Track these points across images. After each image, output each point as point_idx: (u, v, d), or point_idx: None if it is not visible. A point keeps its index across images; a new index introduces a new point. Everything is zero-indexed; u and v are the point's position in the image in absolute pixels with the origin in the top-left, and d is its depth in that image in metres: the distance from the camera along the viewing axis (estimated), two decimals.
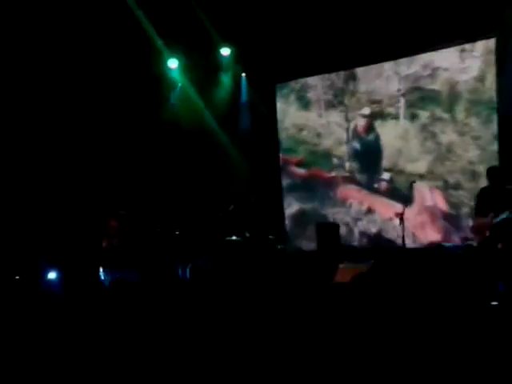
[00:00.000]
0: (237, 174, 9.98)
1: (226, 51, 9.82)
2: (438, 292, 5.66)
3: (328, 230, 8.38)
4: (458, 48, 7.21)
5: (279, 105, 9.16)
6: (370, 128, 8.14)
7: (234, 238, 8.58)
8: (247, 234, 8.64)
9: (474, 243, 6.63)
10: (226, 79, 10.25)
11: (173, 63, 10.17)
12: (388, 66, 7.81)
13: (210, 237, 9.03)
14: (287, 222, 8.93)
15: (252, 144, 9.89)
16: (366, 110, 8.16)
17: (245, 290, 5.86)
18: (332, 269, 7.13)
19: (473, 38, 7.29)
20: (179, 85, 10.57)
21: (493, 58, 7.06)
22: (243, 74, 10.10)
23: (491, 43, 7.10)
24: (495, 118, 7.10)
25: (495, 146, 6.98)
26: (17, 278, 7.69)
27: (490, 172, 6.44)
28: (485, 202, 6.37)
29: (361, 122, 8.18)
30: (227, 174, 10.02)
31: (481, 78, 7.12)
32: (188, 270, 8.53)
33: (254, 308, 4.53)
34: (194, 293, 6.80)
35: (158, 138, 10.39)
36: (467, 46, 7.16)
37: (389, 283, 5.29)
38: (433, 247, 7.56)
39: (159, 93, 10.43)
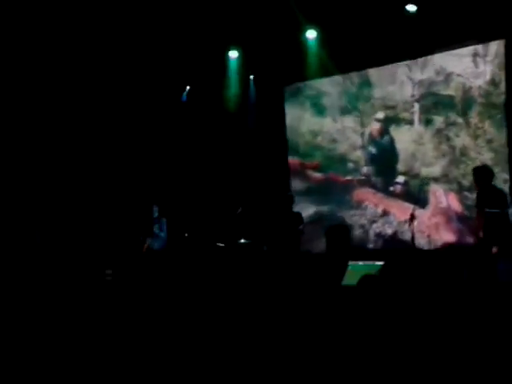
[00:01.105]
0: (245, 176, 9.97)
1: (233, 53, 9.84)
2: (448, 294, 5.66)
3: (338, 233, 8.51)
4: (471, 52, 7.32)
5: (295, 111, 9.34)
6: (384, 132, 8.34)
7: (242, 241, 8.58)
8: (265, 248, 8.62)
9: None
10: (233, 81, 10.18)
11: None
12: (401, 71, 7.99)
13: (218, 239, 8.97)
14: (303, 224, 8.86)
15: (260, 146, 9.89)
16: (381, 115, 8.37)
17: (251, 292, 5.89)
18: (341, 271, 7.10)
19: (485, 39, 7.30)
20: (187, 87, 10.62)
21: (507, 61, 7.09)
22: (251, 77, 10.14)
23: (503, 46, 7.11)
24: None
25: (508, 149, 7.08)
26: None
27: (477, 172, 6.45)
28: (479, 202, 6.39)
29: (375, 127, 8.39)
30: (235, 177, 10.00)
31: (494, 82, 7.28)
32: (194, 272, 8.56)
33: (260, 310, 4.51)
34: (201, 294, 6.73)
35: (166, 142, 10.45)
36: (480, 51, 7.26)
37: (399, 286, 5.19)
38: (444, 249, 7.68)
39: (171, 95, 10.51)
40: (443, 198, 7.71)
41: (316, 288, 6.22)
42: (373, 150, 8.46)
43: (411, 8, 7.75)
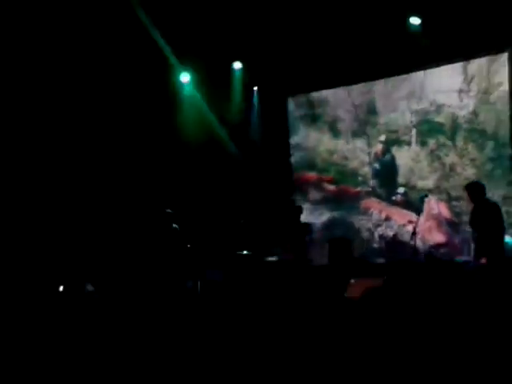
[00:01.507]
0: (247, 187, 10.09)
1: (237, 65, 9.83)
2: (453, 308, 5.27)
3: (340, 245, 8.82)
4: (458, 88, 8.50)
5: (314, 134, 10.16)
6: (387, 152, 9.38)
7: (244, 252, 8.70)
8: (277, 257, 8.55)
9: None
10: (237, 93, 10.10)
11: (185, 77, 9.86)
12: (402, 102, 9.13)
13: (219, 250, 8.91)
14: (319, 227, 9.91)
15: (263, 156, 10.11)
16: (383, 137, 9.38)
17: (253, 303, 5.35)
18: (343, 283, 7.05)
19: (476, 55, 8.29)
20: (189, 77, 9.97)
21: (485, 96, 8.29)
22: (255, 88, 10.22)
23: (484, 84, 8.29)
24: (488, 143, 8.28)
25: (488, 166, 8.26)
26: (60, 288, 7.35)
27: (469, 188, 6.66)
28: (472, 218, 6.62)
29: (380, 147, 9.44)
30: (238, 188, 10.06)
31: (475, 113, 8.43)
32: (198, 283, 8.21)
33: (261, 321, 4.22)
34: (204, 305, 6.49)
35: (168, 152, 10.02)
36: (465, 88, 8.46)
37: (402, 299, 4.89)
38: (448, 262, 8.05)
39: (171, 106, 10.10)
40: (435, 205, 8.80)
41: (318, 299, 5.91)
42: (378, 166, 9.48)
43: (415, 21, 8.25)
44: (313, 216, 9.94)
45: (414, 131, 9.14)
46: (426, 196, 7.79)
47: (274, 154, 10.30)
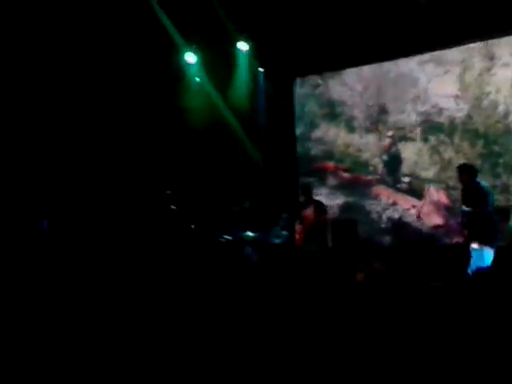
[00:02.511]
0: (253, 169, 10.16)
1: (244, 46, 9.34)
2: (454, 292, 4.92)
3: (344, 228, 8.90)
4: (455, 96, 9.66)
5: (334, 130, 11.07)
6: (394, 146, 10.35)
7: (249, 233, 8.85)
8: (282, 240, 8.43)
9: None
10: (243, 74, 9.72)
11: (190, 57, 9.48)
12: (409, 105, 10.29)
13: (225, 232, 8.70)
14: (335, 210, 11.00)
15: (269, 139, 10.23)
16: (390, 133, 10.33)
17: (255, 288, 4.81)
18: (351, 267, 6.51)
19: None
20: (197, 79, 9.72)
21: (477, 102, 9.42)
22: (261, 69, 9.92)
23: (477, 92, 9.41)
24: (479, 141, 9.36)
25: (478, 161, 9.17)
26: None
27: (460, 169, 7.05)
28: (464, 199, 6.98)
29: (388, 142, 10.41)
30: (243, 170, 10.08)
31: (469, 116, 9.50)
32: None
33: (264, 307, 3.91)
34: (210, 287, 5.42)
35: (174, 133, 9.81)
36: (460, 95, 9.67)
37: (405, 282, 4.70)
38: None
39: (176, 87, 9.78)
40: (434, 193, 9.82)
41: (322, 283, 5.26)
42: (386, 158, 10.45)
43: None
44: (330, 199, 11.09)
45: (418, 129, 10.16)
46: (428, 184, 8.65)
47: (280, 137, 10.53)
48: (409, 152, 10.34)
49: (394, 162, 10.50)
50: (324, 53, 9.52)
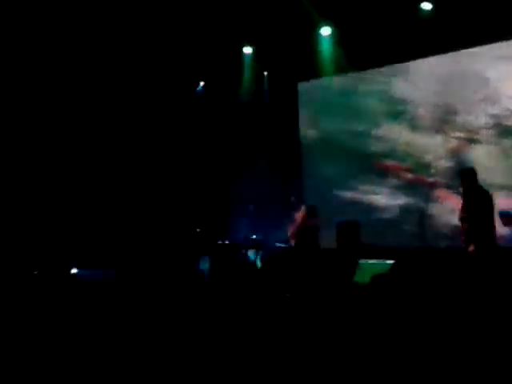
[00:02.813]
0: (257, 172, 10.01)
1: (248, 50, 9.58)
2: (462, 295, 4.97)
3: (348, 229, 8.82)
4: None
5: (397, 127, 10.79)
6: (462, 149, 10.04)
7: (254, 237, 8.91)
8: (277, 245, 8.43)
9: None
10: (248, 78, 9.87)
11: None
12: (479, 107, 9.93)
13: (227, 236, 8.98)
14: (395, 210, 10.86)
15: (273, 142, 10.06)
16: (459, 135, 9.99)
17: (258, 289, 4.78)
18: (351, 268, 7.02)
19: None
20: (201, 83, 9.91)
21: None
22: (265, 73, 10.04)
23: None
24: None
25: None
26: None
27: (463, 174, 7.01)
28: (464, 204, 6.84)
29: (455, 144, 10.14)
30: (248, 173, 9.97)
31: None
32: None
33: (265, 307, 3.91)
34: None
35: (180, 134, 9.96)
36: None
37: (410, 285, 4.70)
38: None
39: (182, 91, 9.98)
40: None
41: (325, 284, 5.54)
42: (451, 161, 10.20)
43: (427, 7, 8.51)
44: (391, 199, 10.90)
45: (487, 132, 9.88)
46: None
47: (285, 138, 10.26)
48: (477, 156, 10.01)
49: (460, 166, 10.12)
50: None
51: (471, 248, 6.32)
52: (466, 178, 6.95)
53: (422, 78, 10.62)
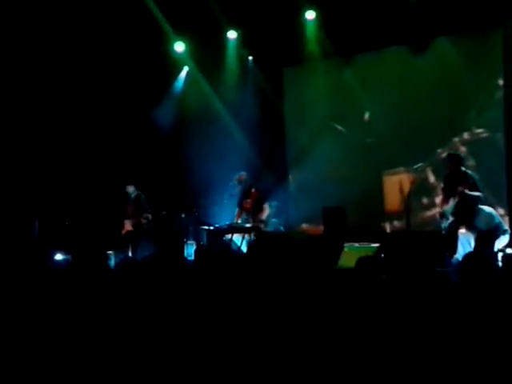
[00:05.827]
0: (244, 159, 9.90)
1: (232, 34, 9.45)
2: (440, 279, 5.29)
3: (334, 214, 8.99)
4: None
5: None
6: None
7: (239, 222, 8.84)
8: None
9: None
10: (232, 63, 9.74)
11: (179, 46, 9.64)
12: None
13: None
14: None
15: (259, 129, 9.92)
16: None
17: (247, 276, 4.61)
18: (337, 253, 7.32)
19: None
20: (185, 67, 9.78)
21: None
22: (250, 58, 9.90)
23: None
24: None
25: None
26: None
27: (450, 158, 7.26)
28: (447, 187, 7.16)
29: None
30: (234, 159, 9.80)
31: None
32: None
33: (254, 294, 3.85)
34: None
35: (162, 123, 9.96)
36: None
37: (395, 268, 4.88)
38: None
39: (166, 76, 10.01)
40: None
41: (311, 269, 5.65)
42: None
43: None
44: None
45: None
46: None
47: (270, 125, 10.27)
48: None
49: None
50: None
51: (462, 230, 6.72)
52: (453, 162, 7.28)
53: None
